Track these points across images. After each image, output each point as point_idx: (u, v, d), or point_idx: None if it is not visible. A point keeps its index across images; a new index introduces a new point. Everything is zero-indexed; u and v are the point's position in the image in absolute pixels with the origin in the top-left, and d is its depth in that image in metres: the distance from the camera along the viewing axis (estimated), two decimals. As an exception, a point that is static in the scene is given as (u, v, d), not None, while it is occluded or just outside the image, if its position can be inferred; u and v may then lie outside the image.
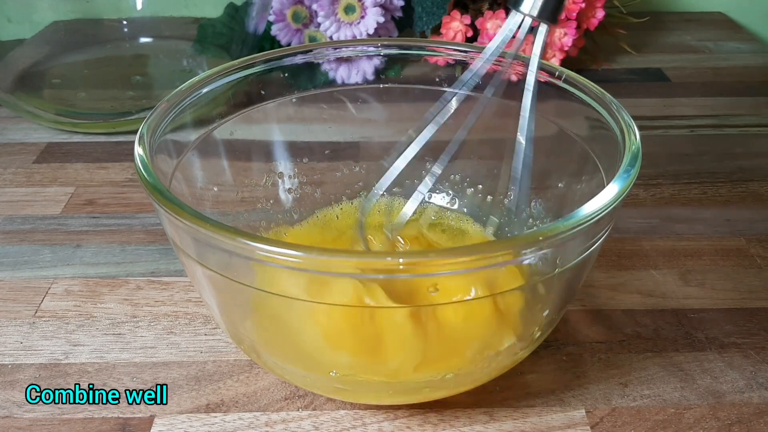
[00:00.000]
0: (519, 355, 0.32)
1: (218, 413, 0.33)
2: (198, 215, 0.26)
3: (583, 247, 0.28)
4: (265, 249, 0.24)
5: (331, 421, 0.33)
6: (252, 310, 0.31)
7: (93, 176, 0.52)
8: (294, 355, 0.31)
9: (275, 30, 0.62)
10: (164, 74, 0.65)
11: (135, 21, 0.64)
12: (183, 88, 0.34)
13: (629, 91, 0.64)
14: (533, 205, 0.39)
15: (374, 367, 0.31)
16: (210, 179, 0.38)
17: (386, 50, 0.41)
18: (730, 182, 0.50)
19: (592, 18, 0.64)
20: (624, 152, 0.30)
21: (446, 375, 0.30)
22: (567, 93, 0.35)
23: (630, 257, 0.43)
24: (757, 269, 0.42)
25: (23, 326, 0.38)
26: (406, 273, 0.26)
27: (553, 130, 0.37)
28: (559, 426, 0.33)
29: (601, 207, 0.26)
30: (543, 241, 0.25)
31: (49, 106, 0.59)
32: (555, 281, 0.30)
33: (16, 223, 0.47)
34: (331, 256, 0.25)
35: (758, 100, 0.62)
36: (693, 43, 0.74)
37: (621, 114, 0.32)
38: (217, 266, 0.28)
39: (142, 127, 0.31)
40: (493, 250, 0.26)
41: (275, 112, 0.40)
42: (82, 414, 0.34)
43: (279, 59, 0.38)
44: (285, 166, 0.42)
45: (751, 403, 0.34)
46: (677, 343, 0.37)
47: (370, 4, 0.59)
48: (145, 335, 0.38)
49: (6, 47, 0.61)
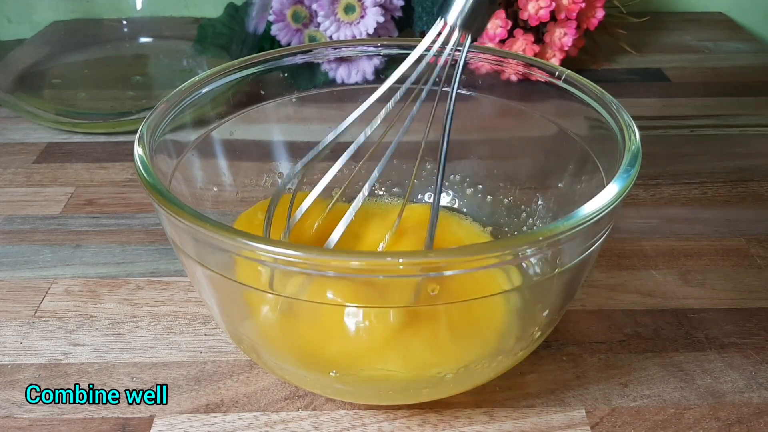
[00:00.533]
0: (519, 355, 0.32)
1: (218, 413, 0.33)
2: (198, 215, 0.26)
3: (583, 247, 0.28)
4: (265, 249, 0.24)
5: (331, 421, 0.33)
6: (251, 310, 0.31)
7: (93, 176, 0.52)
8: (294, 355, 0.31)
9: (275, 30, 0.62)
10: (164, 74, 0.65)
11: (135, 21, 0.64)
12: (183, 88, 0.34)
13: (629, 91, 0.64)
14: (533, 204, 0.39)
15: (375, 368, 0.31)
16: (210, 179, 0.38)
17: (386, 50, 0.41)
18: (730, 182, 0.50)
19: (592, 18, 0.64)
20: (624, 152, 0.30)
21: (446, 375, 0.30)
22: (567, 93, 0.35)
23: (630, 257, 0.43)
24: (757, 269, 0.42)
25: (23, 326, 0.38)
26: (406, 274, 0.26)
27: (553, 130, 0.37)
28: (559, 426, 0.33)
29: (601, 207, 0.26)
30: (543, 241, 0.25)
31: (49, 106, 0.59)
32: (555, 281, 0.30)
33: (16, 223, 0.47)
34: (330, 256, 0.25)
35: (758, 100, 0.62)
36: (693, 43, 0.74)
37: (621, 114, 0.32)
38: (217, 266, 0.28)
39: (142, 127, 0.31)
40: (492, 250, 0.26)
41: (275, 112, 0.40)
42: (82, 414, 0.34)
43: (279, 59, 0.38)
44: (285, 166, 0.42)
45: (751, 403, 0.34)
46: (677, 343, 0.37)
47: (370, 4, 0.59)
48: (145, 335, 0.38)
49: (6, 47, 0.61)
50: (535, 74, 0.37)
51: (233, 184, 0.40)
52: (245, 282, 0.28)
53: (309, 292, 0.28)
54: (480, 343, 0.31)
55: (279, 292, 0.27)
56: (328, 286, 0.28)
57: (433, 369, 0.31)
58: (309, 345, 0.31)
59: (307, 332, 0.31)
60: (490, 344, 0.32)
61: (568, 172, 0.37)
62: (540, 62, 0.37)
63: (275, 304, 0.30)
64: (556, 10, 0.61)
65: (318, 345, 0.31)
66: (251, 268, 0.27)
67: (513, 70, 0.38)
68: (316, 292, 0.28)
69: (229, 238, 0.25)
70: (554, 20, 0.62)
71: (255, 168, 0.41)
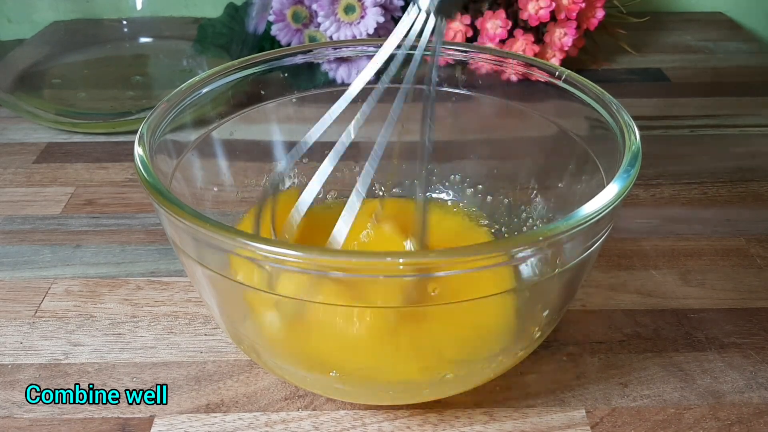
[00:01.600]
0: (519, 355, 0.32)
1: (218, 413, 0.33)
2: (198, 215, 0.26)
3: (583, 247, 0.28)
4: (266, 249, 0.24)
5: (331, 421, 0.33)
6: (251, 310, 0.31)
7: (93, 176, 0.52)
8: (294, 356, 0.31)
9: (275, 30, 0.62)
10: (164, 74, 0.65)
11: (135, 21, 0.64)
12: (183, 88, 0.34)
13: (629, 91, 0.64)
14: (533, 204, 0.39)
15: (376, 368, 0.31)
16: (210, 179, 0.38)
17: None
18: (730, 182, 0.50)
19: (592, 18, 0.64)
20: (624, 152, 0.30)
21: (446, 375, 0.30)
22: (567, 93, 0.35)
23: (630, 257, 0.43)
24: (757, 269, 0.42)
25: (23, 326, 0.38)
26: (406, 274, 0.26)
27: (552, 130, 0.37)
28: (559, 426, 0.33)
29: (601, 207, 0.26)
30: (543, 242, 0.25)
31: (49, 106, 0.59)
32: (555, 281, 0.30)
33: (16, 223, 0.47)
34: (330, 256, 0.25)
35: (758, 100, 0.62)
36: (693, 43, 0.74)
37: (621, 114, 0.32)
38: (216, 266, 0.28)
39: (142, 127, 0.31)
40: (492, 250, 0.26)
41: (275, 112, 0.40)
42: (82, 414, 0.34)
43: (279, 59, 0.38)
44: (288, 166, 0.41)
45: (751, 403, 0.34)
46: (677, 343, 0.37)
47: (370, 4, 0.59)
48: (145, 335, 0.38)
49: (6, 47, 0.61)
50: (535, 74, 0.37)
51: (233, 184, 0.40)
52: (245, 282, 0.28)
53: (308, 292, 0.28)
54: (480, 344, 0.31)
55: (278, 292, 0.27)
56: (327, 286, 0.28)
57: (433, 369, 0.31)
58: (309, 345, 0.31)
59: (307, 332, 0.31)
60: (490, 344, 0.32)
61: (568, 172, 0.37)
62: (540, 62, 0.37)
63: (274, 304, 0.30)
64: (556, 10, 0.61)
65: (317, 345, 0.31)
66: (251, 268, 0.27)
67: (513, 70, 0.38)
68: (316, 292, 0.28)
69: (228, 238, 0.25)
70: (554, 20, 0.62)
71: (255, 168, 0.41)
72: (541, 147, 0.40)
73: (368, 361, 0.31)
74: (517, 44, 0.62)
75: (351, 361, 0.31)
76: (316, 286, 0.28)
